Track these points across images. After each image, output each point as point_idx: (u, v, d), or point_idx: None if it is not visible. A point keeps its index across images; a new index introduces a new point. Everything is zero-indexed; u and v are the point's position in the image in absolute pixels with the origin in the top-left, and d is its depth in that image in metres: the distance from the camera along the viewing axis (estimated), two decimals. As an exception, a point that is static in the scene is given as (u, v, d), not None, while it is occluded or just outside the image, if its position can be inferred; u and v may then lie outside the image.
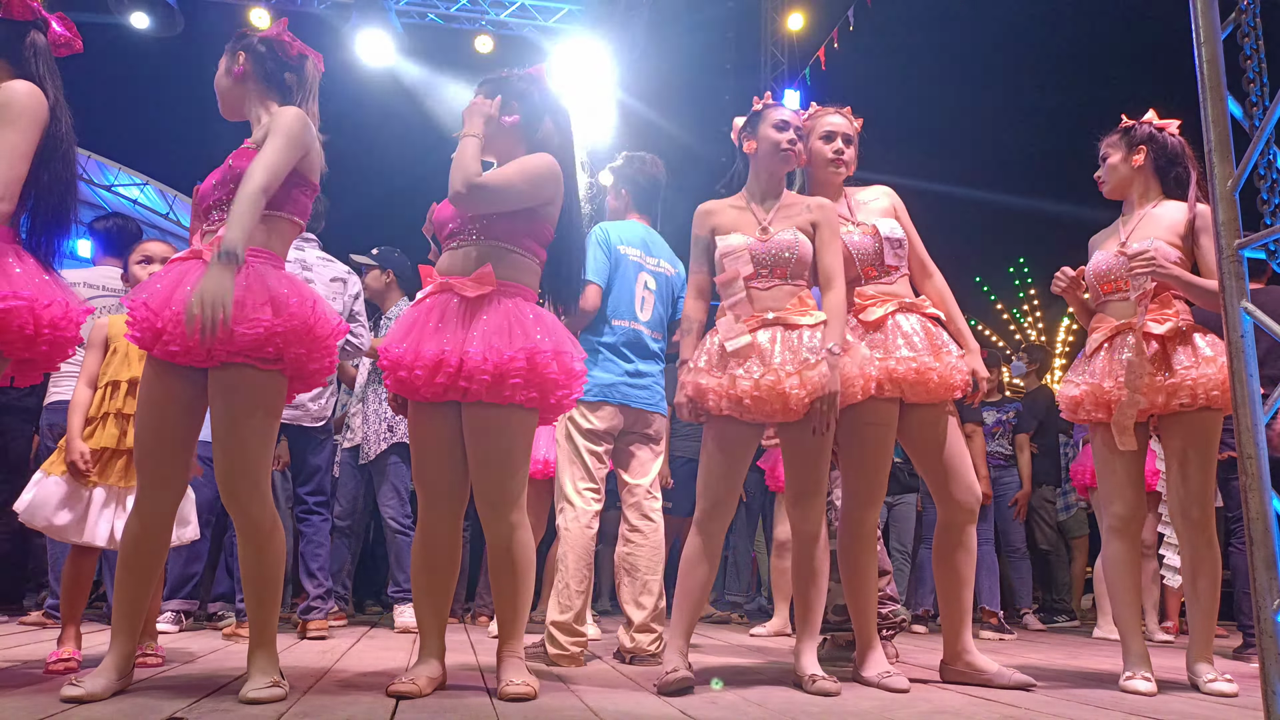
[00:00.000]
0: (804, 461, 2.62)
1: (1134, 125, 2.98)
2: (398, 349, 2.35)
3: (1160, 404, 2.74)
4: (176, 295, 2.11)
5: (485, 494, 2.39)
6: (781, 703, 2.30)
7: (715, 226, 2.75)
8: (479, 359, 2.27)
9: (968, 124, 20.04)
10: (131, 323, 2.16)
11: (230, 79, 2.38)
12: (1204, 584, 2.77)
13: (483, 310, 2.35)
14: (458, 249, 2.45)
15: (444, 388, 2.31)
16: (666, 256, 3.53)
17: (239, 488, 2.16)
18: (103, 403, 2.87)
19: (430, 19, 10.45)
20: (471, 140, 2.41)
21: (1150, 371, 2.72)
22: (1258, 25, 1.84)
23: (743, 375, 2.52)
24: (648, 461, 3.37)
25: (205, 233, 2.27)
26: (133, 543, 2.20)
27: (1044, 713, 2.22)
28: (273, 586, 2.21)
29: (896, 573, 4.88)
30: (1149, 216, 2.90)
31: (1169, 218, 2.87)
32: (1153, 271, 2.70)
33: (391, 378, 2.38)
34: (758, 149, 2.77)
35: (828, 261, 2.69)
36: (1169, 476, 2.81)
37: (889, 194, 2.97)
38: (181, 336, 2.07)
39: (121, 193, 11.81)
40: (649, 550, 3.26)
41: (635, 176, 3.56)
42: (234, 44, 2.41)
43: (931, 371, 2.66)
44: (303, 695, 2.19)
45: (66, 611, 2.77)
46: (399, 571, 4.38)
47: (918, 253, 2.94)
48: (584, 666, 3.02)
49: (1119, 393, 2.76)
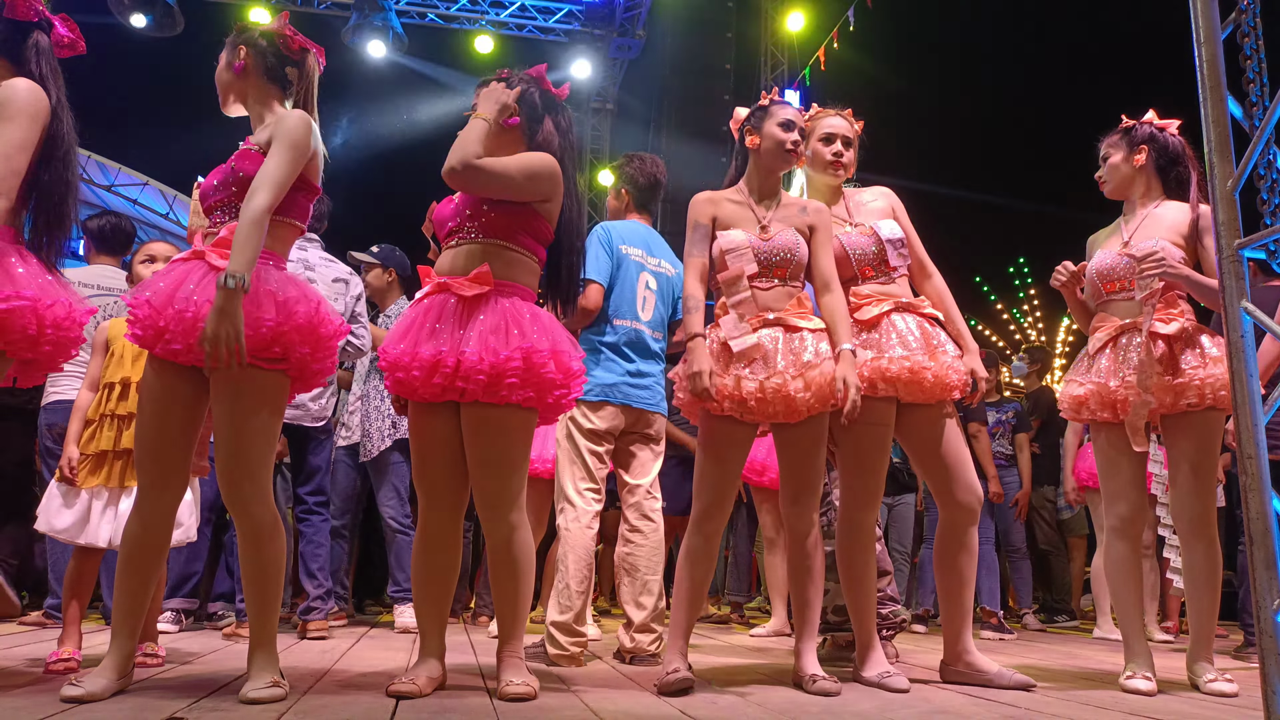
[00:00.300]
0: (800, 460, 2.62)
1: (1135, 125, 2.98)
2: (395, 349, 2.35)
3: (1168, 404, 2.74)
4: (179, 294, 2.11)
5: (484, 494, 2.38)
6: (781, 703, 2.30)
7: (717, 217, 2.73)
8: (475, 359, 2.27)
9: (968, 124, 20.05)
10: (133, 321, 2.16)
11: (231, 74, 2.38)
12: (1204, 584, 2.77)
13: (480, 310, 2.35)
14: (456, 247, 2.45)
15: (441, 388, 2.31)
16: (667, 257, 3.53)
17: (241, 487, 2.16)
18: (101, 405, 2.87)
19: (430, 19, 10.45)
20: (480, 123, 2.41)
21: (1158, 371, 2.72)
22: (1258, 25, 1.84)
23: (748, 377, 2.52)
24: (648, 462, 3.36)
25: (207, 234, 2.27)
26: (133, 543, 2.19)
27: (1044, 713, 2.22)
28: (273, 586, 2.21)
29: (896, 573, 4.88)
30: (1152, 216, 2.90)
31: (1172, 218, 2.86)
32: (1163, 272, 2.70)
33: (390, 378, 2.39)
34: (760, 145, 2.76)
35: (824, 265, 2.71)
36: (1172, 476, 2.81)
37: (887, 194, 2.98)
38: (184, 335, 2.08)
39: (121, 193, 11.82)
40: (649, 550, 3.26)
41: (635, 176, 3.56)
42: (235, 38, 2.39)
43: (926, 371, 2.66)
44: (303, 695, 2.19)
45: (69, 612, 2.77)
46: (399, 571, 4.38)
47: (917, 253, 2.94)
48: (584, 667, 3.02)
49: (1124, 392, 2.76)
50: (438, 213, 2.54)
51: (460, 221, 2.46)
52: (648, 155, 3.66)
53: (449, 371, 2.29)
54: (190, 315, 2.08)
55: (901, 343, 2.70)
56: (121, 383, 2.87)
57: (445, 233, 2.50)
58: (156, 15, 8.67)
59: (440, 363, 2.29)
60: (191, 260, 2.21)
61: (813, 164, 2.91)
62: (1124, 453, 2.83)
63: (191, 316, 2.08)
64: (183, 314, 2.08)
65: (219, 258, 2.16)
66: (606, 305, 3.31)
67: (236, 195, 2.22)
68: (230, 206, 2.23)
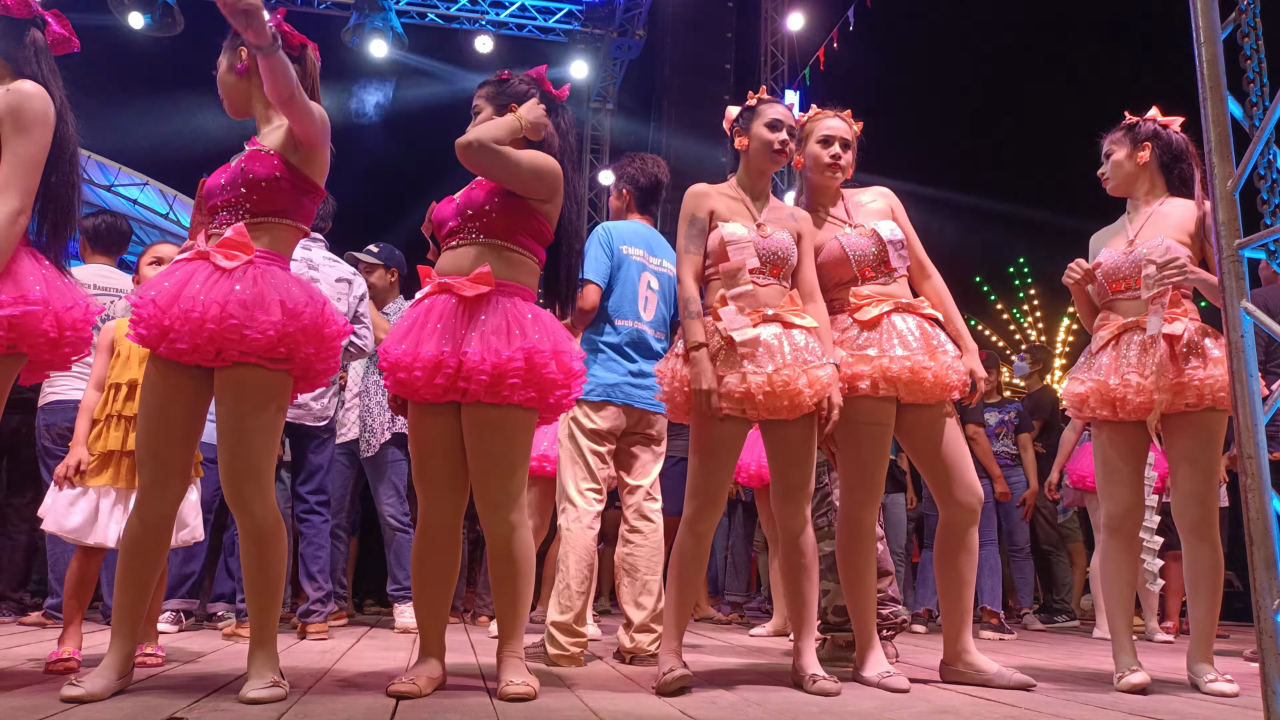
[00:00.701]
0: (791, 458, 2.62)
1: (1138, 122, 2.97)
2: (397, 350, 2.35)
3: (1167, 404, 2.74)
4: (184, 294, 2.11)
5: (485, 494, 2.39)
6: (781, 703, 2.30)
7: (715, 211, 2.72)
8: (477, 359, 2.27)
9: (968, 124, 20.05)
10: (136, 321, 2.15)
11: (234, 75, 2.37)
12: (1205, 584, 2.77)
13: (481, 310, 2.35)
14: (457, 248, 2.45)
15: (443, 389, 2.31)
16: (669, 257, 3.52)
17: (244, 486, 2.16)
18: (107, 405, 2.88)
19: (430, 19, 10.45)
20: (513, 120, 2.43)
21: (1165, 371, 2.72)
22: (1258, 25, 1.84)
23: (754, 371, 2.52)
24: (649, 463, 3.36)
25: (211, 234, 2.27)
26: (133, 543, 2.19)
27: (1044, 713, 2.22)
28: (274, 586, 2.21)
29: (894, 573, 4.88)
30: (1157, 214, 2.89)
31: (1178, 216, 2.86)
32: (1184, 279, 2.69)
33: (391, 379, 2.38)
34: (749, 146, 2.76)
35: (808, 274, 2.73)
36: (1172, 476, 2.81)
37: (886, 195, 2.97)
38: (190, 335, 2.08)
39: (121, 193, 11.82)
40: (648, 551, 3.26)
41: (636, 176, 3.56)
42: (233, 40, 2.37)
43: (926, 371, 2.66)
44: (303, 695, 2.19)
45: (69, 612, 2.77)
46: (398, 569, 4.38)
47: (916, 253, 2.94)
48: (584, 667, 3.02)
49: (1123, 390, 2.76)
50: (438, 213, 2.54)
51: (461, 222, 2.45)
52: (649, 155, 3.66)
53: (451, 372, 2.29)
54: (196, 315, 2.08)
55: (902, 343, 2.69)
56: (129, 384, 2.87)
57: (445, 233, 2.50)
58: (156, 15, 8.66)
59: (442, 363, 2.29)
60: (195, 260, 2.21)
61: (810, 166, 2.90)
62: (1121, 451, 2.84)
63: (198, 317, 2.08)
64: (188, 314, 2.08)
65: (225, 259, 2.16)
66: (608, 305, 3.31)
67: (245, 196, 2.22)
68: (238, 207, 2.23)
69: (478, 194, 2.46)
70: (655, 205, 3.63)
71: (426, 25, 10.40)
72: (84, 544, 2.81)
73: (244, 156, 2.27)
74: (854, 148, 2.91)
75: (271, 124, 2.32)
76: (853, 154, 2.90)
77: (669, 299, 3.47)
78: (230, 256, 2.16)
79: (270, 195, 2.23)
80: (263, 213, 2.24)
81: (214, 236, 2.25)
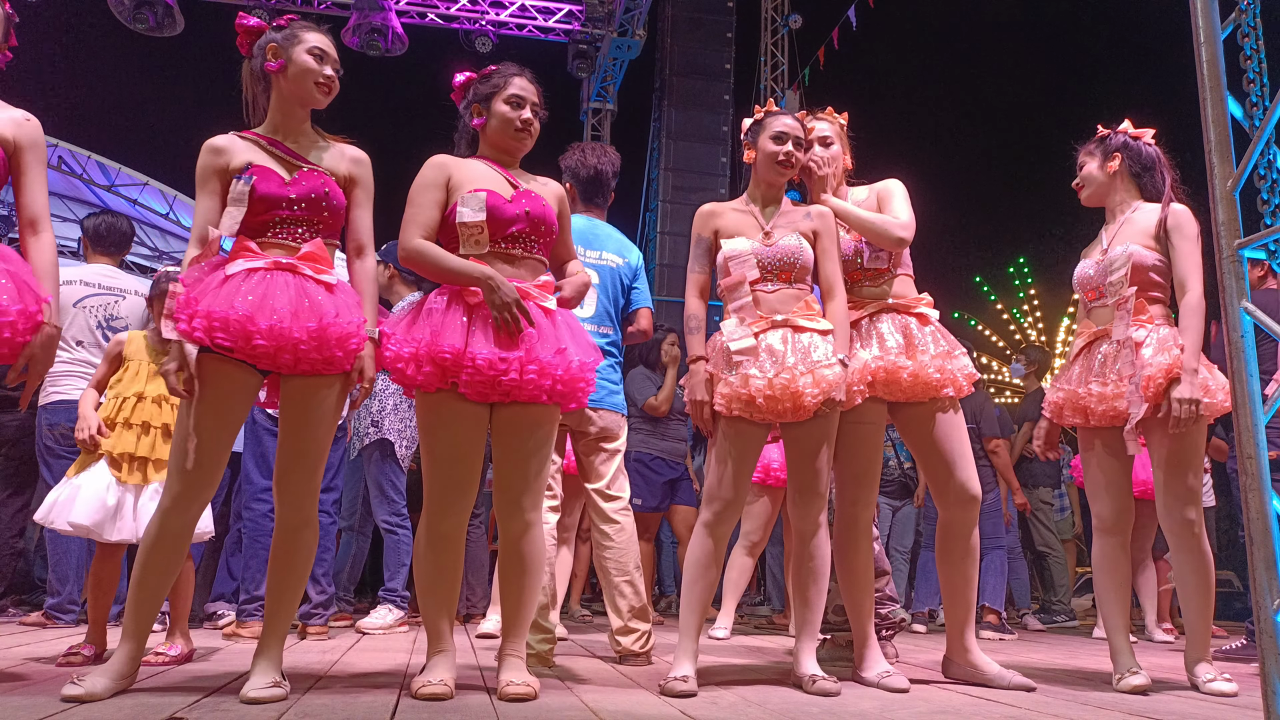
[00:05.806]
0: (805, 460, 2.63)
1: (1109, 134, 3.04)
2: (446, 344, 2.28)
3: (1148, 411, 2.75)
4: (274, 305, 2.16)
5: (511, 490, 2.40)
6: (781, 703, 2.30)
7: (719, 228, 2.76)
8: (541, 367, 2.30)
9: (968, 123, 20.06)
10: (217, 328, 2.13)
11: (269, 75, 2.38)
12: (1196, 585, 2.79)
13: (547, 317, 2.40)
14: (521, 258, 2.45)
15: (493, 389, 2.30)
16: (613, 248, 3.41)
17: (301, 485, 2.24)
18: (116, 411, 2.90)
19: (430, 19, 10.45)
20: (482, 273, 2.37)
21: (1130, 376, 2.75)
22: (1258, 25, 1.85)
23: (755, 375, 2.53)
24: (603, 463, 3.26)
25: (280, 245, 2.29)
26: (153, 547, 2.19)
27: (1044, 713, 2.22)
28: (298, 585, 2.29)
29: (895, 573, 4.87)
30: (1128, 222, 2.95)
31: (1144, 221, 2.91)
32: (1199, 415, 2.66)
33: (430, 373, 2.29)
34: (757, 158, 2.79)
35: (829, 270, 2.72)
36: (1156, 479, 2.82)
37: (873, 189, 2.95)
38: (306, 348, 2.17)
39: (121, 193, 11.81)
40: (617, 552, 3.20)
41: (576, 169, 3.47)
42: (263, 40, 2.40)
43: (901, 370, 2.70)
44: (303, 695, 2.19)
45: (93, 610, 2.79)
46: (386, 570, 4.35)
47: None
48: (553, 668, 2.96)
49: (1088, 399, 2.83)
50: (504, 210, 2.43)
51: (527, 230, 2.45)
52: (592, 145, 3.55)
53: (514, 376, 2.28)
54: (314, 328, 2.19)
55: (880, 344, 2.74)
56: (136, 396, 2.94)
57: (506, 234, 2.43)
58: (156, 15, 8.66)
59: (501, 365, 2.27)
60: (273, 271, 2.22)
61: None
62: (1098, 456, 2.89)
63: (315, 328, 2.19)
64: (278, 325, 2.15)
65: (312, 270, 2.26)
66: None
67: (326, 219, 2.34)
68: (314, 224, 2.33)
69: (549, 212, 2.50)
70: (601, 197, 3.52)
71: (426, 25, 10.40)
72: (101, 541, 2.83)
73: (324, 179, 2.34)
74: (843, 143, 2.92)
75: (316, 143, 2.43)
76: (838, 149, 2.90)
77: (611, 292, 3.34)
78: (320, 270, 2.27)
79: (336, 223, 2.40)
80: (328, 235, 2.38)
81: (273, 248, 2.27)
